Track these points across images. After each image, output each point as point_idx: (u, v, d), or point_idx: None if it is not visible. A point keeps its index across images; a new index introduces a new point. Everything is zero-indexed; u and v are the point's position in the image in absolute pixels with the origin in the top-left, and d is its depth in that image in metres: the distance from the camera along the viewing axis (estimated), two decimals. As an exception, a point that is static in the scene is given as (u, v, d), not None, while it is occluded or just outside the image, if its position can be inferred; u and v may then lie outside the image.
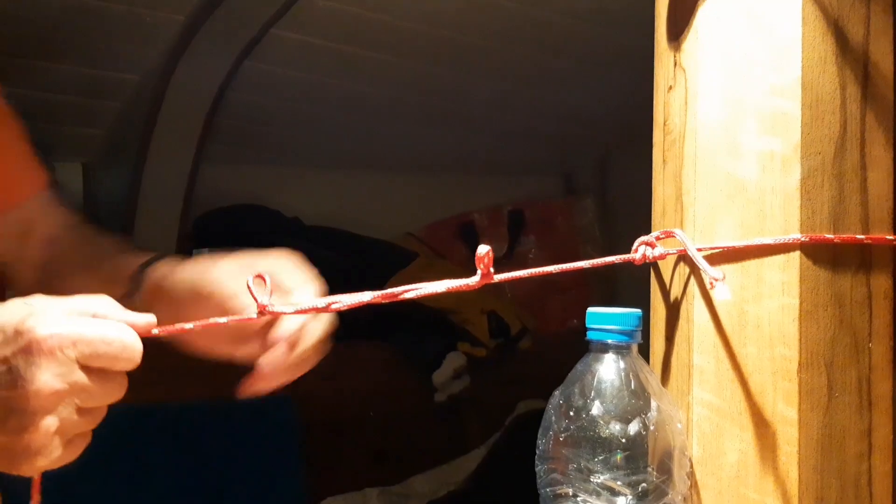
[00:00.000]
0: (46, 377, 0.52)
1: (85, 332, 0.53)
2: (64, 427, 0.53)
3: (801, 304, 0.55)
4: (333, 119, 2.13)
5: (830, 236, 0.56)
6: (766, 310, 0.56)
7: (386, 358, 2.02)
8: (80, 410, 0.54)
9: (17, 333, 0.53)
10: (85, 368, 0.53)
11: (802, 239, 0.55)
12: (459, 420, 2.12)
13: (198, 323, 0.59)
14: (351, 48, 1.82)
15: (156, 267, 0.74)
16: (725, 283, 0.55)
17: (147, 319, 0.57)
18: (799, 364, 0.55)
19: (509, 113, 2.22)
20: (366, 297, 0.60)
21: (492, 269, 0.57)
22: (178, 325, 0.58)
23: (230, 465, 1.84)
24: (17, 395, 0.52)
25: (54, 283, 0.86)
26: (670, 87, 0.63)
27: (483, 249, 0.56)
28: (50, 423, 0.53)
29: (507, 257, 2.52)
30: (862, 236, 0.56)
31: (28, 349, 0.52)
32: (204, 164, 2.08)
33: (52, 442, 0.53)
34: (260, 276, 0.60)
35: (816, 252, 0.56)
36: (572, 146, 2.51)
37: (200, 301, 0.67)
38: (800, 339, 0.55)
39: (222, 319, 0.60)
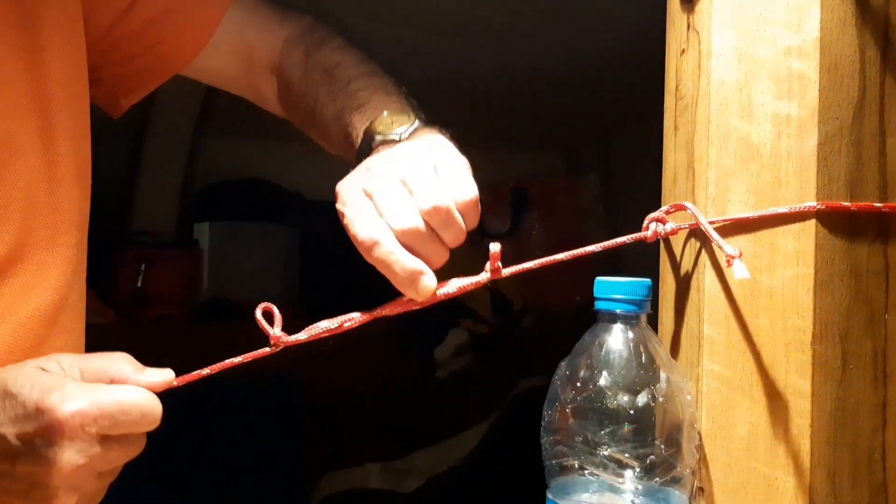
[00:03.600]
0: (69, 455, 0.52)
1: (104, 405, 0.53)
2: (85, 493, 0.54)
3: (815, 273, 0.54)
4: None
5: (847, 204, 0.54)
6: (779, 279, 0.55)
7: (387, 334, 2.01)
8: (101, 473, 0.55)
9: (38, 412, 0.52)
10: (106, 438, 0.53)
11: (818, 206, 0.54)
12: (461, 396, 2.12)
13: (215, 366, 0.58)
14: (351, 20, 1.79)
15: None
16: (742, 259, 0.53)
17: (164, 376, 0.56)
18: (813, 335, 0.54)
19: (513, 88, 2.19)
20: (378, 311, 0.61)
21: (499, 264, 0.60)
22: (196, 373, 0.58)
23: (232, 440, 1.84)
24: (40, 471, 0.52)
25: (305, 112, 0.84)
26: (683, 51, 0.61)
27: (494, 248, 0.59)
28: (72, 495, 0.53)
29: (510, 235, 2.50)
30: (879, 204, 0.55)
31: (50, 429, 0.52)
32: (204, 137, 2.06)
33: None
34: (268, 308, 0.58)
35: (832, 220, 0.54)
36: (576, 123, 2.48)
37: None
38: (814, 310, 0.54)
39: (237, 359, 0.59)
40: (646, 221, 0.60)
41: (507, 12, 1.80)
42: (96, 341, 0.73)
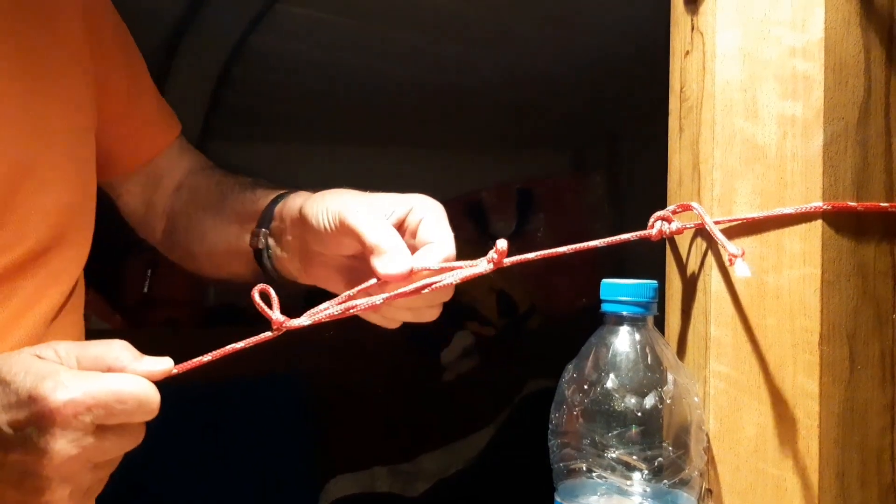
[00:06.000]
0: (61, 445, 0.51)
1: (99, 394, 0.51)
2: (79, 485, 0.53)
3: (822, 274, 0.54)
4: (340, 95, 2.11)
5: (853, 204, 0.54)
6: (786, 280, 0.55)
7: (394, 337, 2.01)
8: (97, 465, 0.53)
9: (31, 399, 0.51)
10: (101, 428, 0.52)
11: (824, 207, 0.54)
12: (468, 399, 2.12)
13: (216, 353, 0.57)
14: (357, 22, 1.80)
15: (288, 200, 0.72)
16: (745, 259, 0.53)
17: (163, 365, 0.55)
18: (820, 336, 0.54)
19: (518, 89, 2.19)
20: (378, 299, 0.59)
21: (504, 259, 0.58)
22: (196, 360, 0.56)
23: (240, 443, 1.84)
24: (32, 460, 0.51)
25: (181, 226, 0.86)
26: (687, 52, 0.61)
27: (502, 244, 0.57)
28: (65, 486, 0.52)
29: (516, 236, 2.50)
30: (886, 204, 0.55)
31: (42, 417, 0.51)
32: (211, 140, 2.06)
33: (68, 500, 0.53)
34: (265, 290, 0.58)
35: (839, 220, 0.54)
36: (582, 124, 2.48)
37: (343, 232, 0.64)
38: (821, 311, 0.54)
39: (239, 345, 0.58)
40: (651, 220, 0.60)
41: (513, 15, 1.81)
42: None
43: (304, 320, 0.58)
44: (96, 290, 1.90)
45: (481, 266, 0.59)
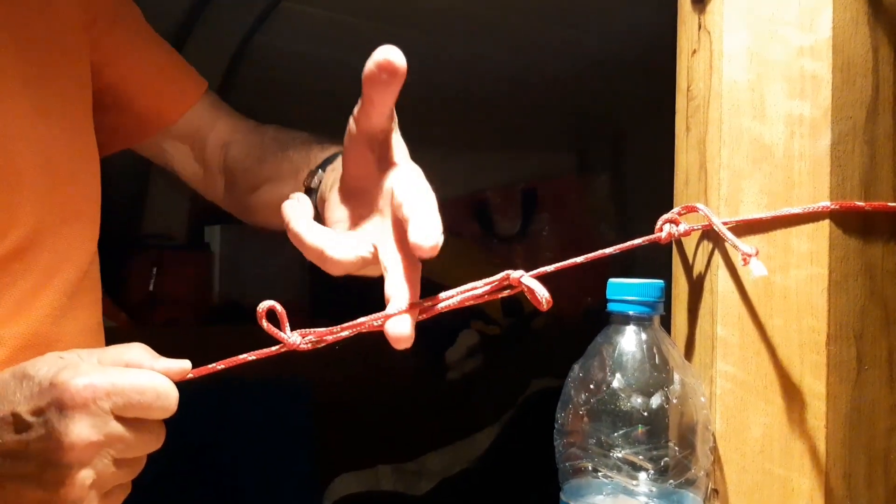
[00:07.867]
0: (81, 429, 0.52)
1: (118, 382, 0.53)
2: (101, 479, 0.53)
3: (830, 274, 0.54)
4: (346, 94, 2.11)
5: (861, 204, 0.54)
6: (793, 280, 0.54)
7: (399, 336, 2.01)
8: (118, 462, 0.54)
9: (52, 386, 0.53)
10: (120, 419, 0.53)
11: (832, 207, 0.53)
12: (472, 398, 2.12)
13: (228, 361, 0.57)
14: (363, 21, 1.80)
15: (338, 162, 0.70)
16: (759, 258, 0.53)
17: (181, 365, 0.56)
18: (827, 336, 0.54)
19: (523, 89, 2.19)
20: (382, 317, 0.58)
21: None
22: (210, 366, 0.57)
23: (245, 442, 1.84)
24: (53, 448, 0.52)
25: (239, 180, 0.86)
26: (694, 51, 0.61)
27: (543, 294, 0.54)
28: (86, 475, 0.52)
29: (521, 236, 2.50)
30: (894, 204, 0.54)
31: (61, 401, 0.52)
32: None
33: (89, 495, 0.53)
34: (271, 308, 0.58)
35: (846, 220, 0.54)
36: (587, 124, 2.48)
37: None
38: (828, 311, 0.54)
39: (251, 356, 0.57)
40: (659, 223, 0.60)
41: (519, 14, 1.80)
42: (108, 344, 0.73)
43: (319, 342, 0.58)
44: (102, 288, 1.91)
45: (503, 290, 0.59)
